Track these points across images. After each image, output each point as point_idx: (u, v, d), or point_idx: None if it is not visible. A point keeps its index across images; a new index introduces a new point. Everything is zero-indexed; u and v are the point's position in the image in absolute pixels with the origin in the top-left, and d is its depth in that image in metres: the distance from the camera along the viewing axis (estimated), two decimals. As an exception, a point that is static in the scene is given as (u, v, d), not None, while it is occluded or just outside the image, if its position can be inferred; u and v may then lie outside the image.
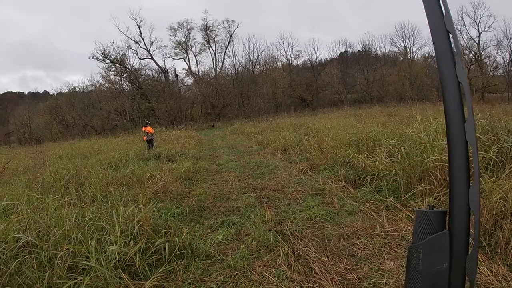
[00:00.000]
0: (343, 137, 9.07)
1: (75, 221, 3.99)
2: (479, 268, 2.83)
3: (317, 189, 6.01)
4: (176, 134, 21.76)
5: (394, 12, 69.37)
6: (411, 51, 44.53)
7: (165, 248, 3.69)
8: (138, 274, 3.37)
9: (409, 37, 45.01)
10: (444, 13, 0.58)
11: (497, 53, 38.10)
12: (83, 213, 4.36)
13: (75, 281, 2.99)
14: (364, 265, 3.31)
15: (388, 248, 3.58)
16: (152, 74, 44.82)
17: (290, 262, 3.47)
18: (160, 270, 3.39)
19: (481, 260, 2.96)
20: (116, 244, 3.46)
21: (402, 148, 5.83)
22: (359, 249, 3.63)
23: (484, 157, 4.79)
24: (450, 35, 0.58)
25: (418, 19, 42.70)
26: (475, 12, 37.54)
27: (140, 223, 3.97)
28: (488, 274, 2.75)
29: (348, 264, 3.35)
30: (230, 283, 3.21)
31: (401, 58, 44.76)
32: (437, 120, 6.89)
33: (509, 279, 2.70)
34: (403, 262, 3.23)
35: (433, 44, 0.59)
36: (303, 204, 5.29)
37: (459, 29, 37.28)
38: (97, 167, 9.05)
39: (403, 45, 44.51)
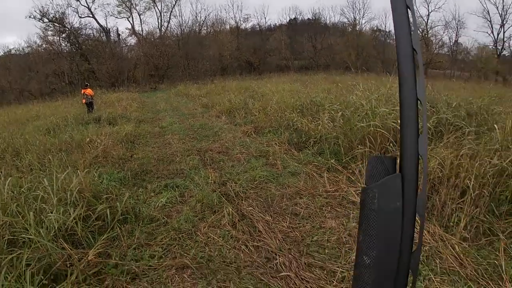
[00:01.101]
0: (288, 101, 9.14)
1: (10, 191, 3.65)
2: (416, 228, 3.05)
3: (261, 151, 6.04)
4: (117, 96, 20.48)
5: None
6: (360, 23, 45.31)
7: (107, 214, 3.53)
8: (81, 242, 3.19)
9: (359, 9, 45.59)
10: (412, 32, 0.61)
11: (443, 32, 39.98)
12: (20, 183, 4.04)
13: (17, 254, 2.72)
14: (307, 223, 3.42)
15: (329, 208, 3.73)
16: (93, 33, 40.92)
17: (234, 222, 3.50)
18: (103, 237, 3.24)
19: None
20: (53, 213, 3.22)
21: (344, 113, 6.00)
22: (301, 208, 3.74)
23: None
24: (415, 53, 0.61)
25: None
26: (427, -9, 38.52)
27: (77, 188, 3.73)
28: (425, 234, 2.96)
29: (291, 223, 3.44)
30: (175, 246, 3.17)
31: (349, 29, 45.48)
32: (379, 90, 7.16)
33: (445, 239, 2.94)
34: (343, 221, 3.39)
35: (397, 62, 0.61)
36: (247, 166, 5.32)
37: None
38: (35, 134, 8.39)
39: (353, 17, 45.16)
